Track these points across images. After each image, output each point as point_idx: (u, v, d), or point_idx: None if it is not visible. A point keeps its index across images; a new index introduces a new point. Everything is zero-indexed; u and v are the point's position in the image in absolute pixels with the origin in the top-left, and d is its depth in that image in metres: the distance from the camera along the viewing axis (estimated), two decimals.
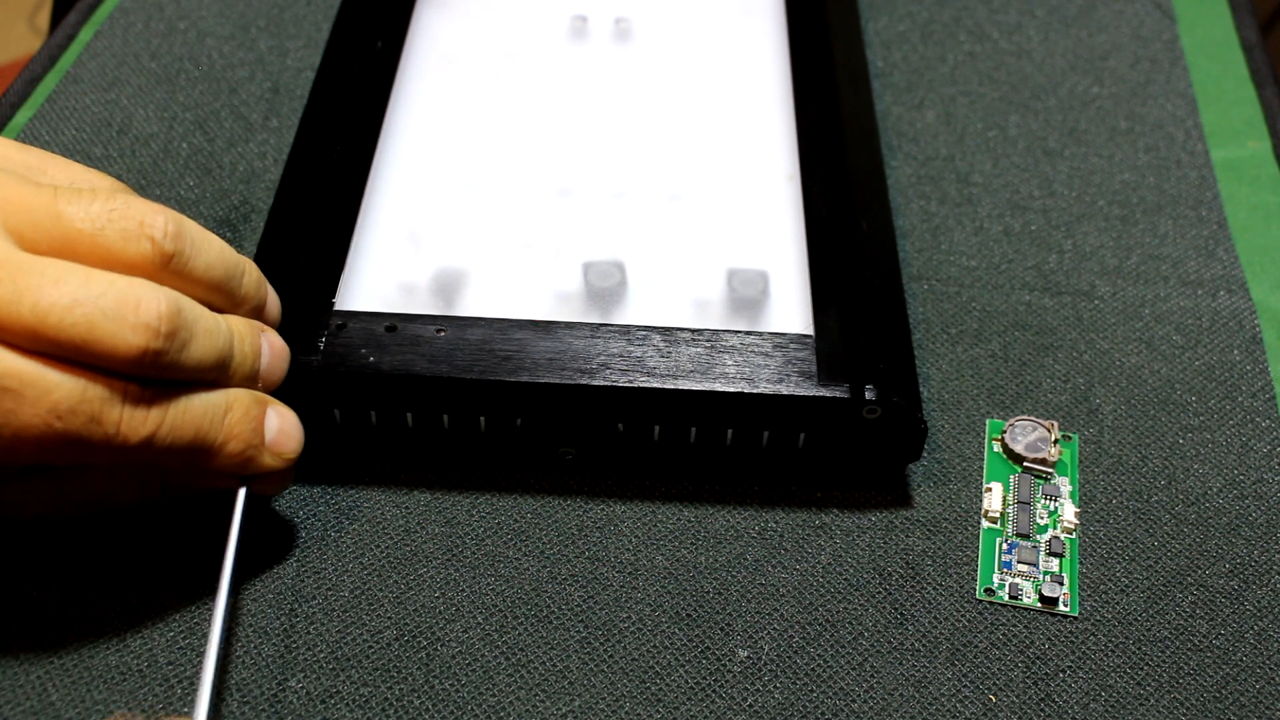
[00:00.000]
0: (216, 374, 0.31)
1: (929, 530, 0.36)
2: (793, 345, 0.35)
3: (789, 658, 0.33)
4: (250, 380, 0.32)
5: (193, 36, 0.51)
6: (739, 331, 0.36)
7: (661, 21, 0.48)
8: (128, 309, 0.28)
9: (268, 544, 0.35)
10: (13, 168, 0.31)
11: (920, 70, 0.51)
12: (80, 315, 0.27)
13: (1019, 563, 0.35)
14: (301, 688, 0.32)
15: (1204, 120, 0.49)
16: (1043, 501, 0.37)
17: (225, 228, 0.43)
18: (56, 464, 0.30)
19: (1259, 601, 0.35)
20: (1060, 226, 0.45)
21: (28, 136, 0.46)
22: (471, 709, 0.32)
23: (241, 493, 0.32)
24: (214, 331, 0.30)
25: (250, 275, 0.33)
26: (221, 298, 0.32)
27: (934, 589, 0.35)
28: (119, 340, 0.28)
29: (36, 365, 0.28)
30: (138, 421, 0.29)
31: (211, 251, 0.31)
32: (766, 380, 0.34)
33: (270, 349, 0.33)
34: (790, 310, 0.37)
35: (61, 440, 0.28)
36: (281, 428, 0.32)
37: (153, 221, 0.30)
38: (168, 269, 0.30)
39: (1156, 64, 0.52)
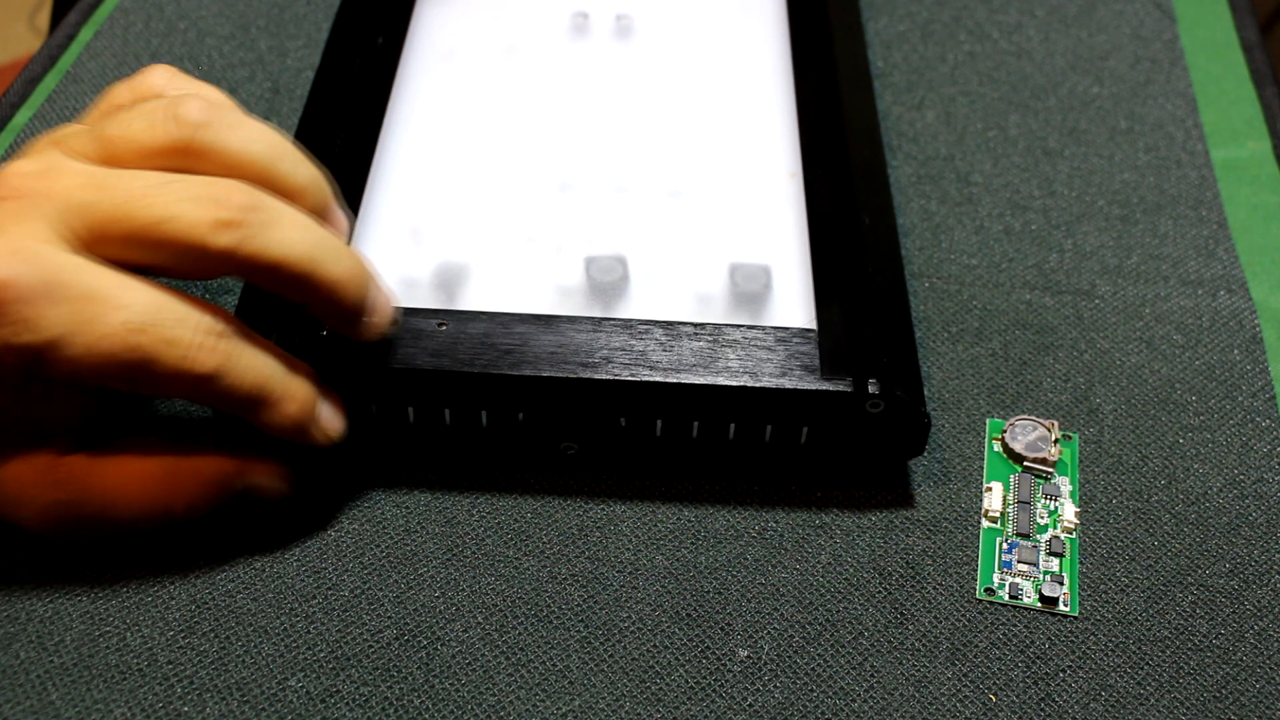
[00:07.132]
0: (306, 268, 0.31)
1: (929, 530, 0.36)
2: (795, 339, 0.35)
3: (789, 658, 0.33)
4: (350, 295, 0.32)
5: (193, 36, 0.51)
6: (741, 326, 0.36)
7: (663, 18, 0.48)
8: (205, 190, 0.30)
9: (268, 543, 0.35)
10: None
11: (920, 70, 0.51)
12: (158, 195, 0.29)
13: (1019, 562, 0.35)
14: (301, 687, 0.32)
15: (1204, 120, 0.49)
16: (1043, 501, 0.37)
17: None
18: (122, 387, 0.30)
19: (1259, 601, 0.35)
20: (1060, 226, 0.45)
21: (27, 137, 0.46)
22: (471, 709, 0.32)
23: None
24: (304, 224, 0.31)
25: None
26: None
27: (934, 589, 0.35)
28: (197, 217, 0.29)
29: (120, 277, 0.29)
30: (207, 350, 0.30)
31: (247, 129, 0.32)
32: (769, 374, 0.34)
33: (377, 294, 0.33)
34: (793, 305, 0.37)
35: (135, 357, 0.29)
36: (333, 408, 0.34)
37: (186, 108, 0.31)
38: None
39: (1156, 64, 0.52)
